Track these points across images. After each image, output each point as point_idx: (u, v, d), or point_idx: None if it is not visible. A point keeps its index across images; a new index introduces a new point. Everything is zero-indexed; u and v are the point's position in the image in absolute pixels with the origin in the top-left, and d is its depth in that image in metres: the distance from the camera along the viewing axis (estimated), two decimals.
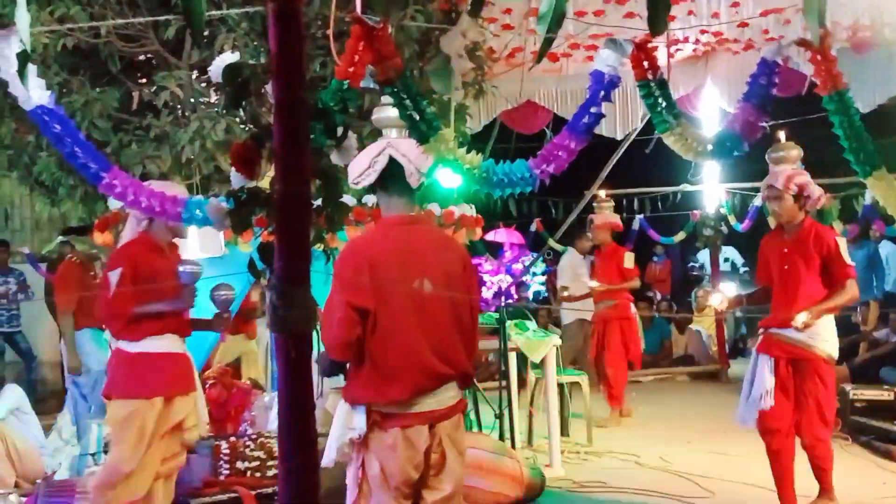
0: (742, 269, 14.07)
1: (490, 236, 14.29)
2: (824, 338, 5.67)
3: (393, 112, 4.05)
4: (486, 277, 16.12)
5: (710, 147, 3.84)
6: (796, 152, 5.87)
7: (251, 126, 1.94)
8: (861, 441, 7.97)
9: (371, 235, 3.88)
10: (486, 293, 15.92)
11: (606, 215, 9.95)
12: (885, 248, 12.11)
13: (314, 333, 1.95)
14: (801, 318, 5.51)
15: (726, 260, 14.25)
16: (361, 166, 3.35)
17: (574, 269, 11.15)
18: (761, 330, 5.89)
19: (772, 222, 11.69)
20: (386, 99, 4.06)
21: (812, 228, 5.75)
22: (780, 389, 5.67)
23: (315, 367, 2.75)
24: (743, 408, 5.80)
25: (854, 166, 3.71)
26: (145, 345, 4.95)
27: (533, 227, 14.57)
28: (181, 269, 4.85)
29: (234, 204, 2.00)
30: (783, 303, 5.78)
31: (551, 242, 12.93)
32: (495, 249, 15.47)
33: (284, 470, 2.05)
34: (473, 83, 6.96)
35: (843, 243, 5.74)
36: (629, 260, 9.69)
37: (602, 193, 10.33)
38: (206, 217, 3.33)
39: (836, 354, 5.76)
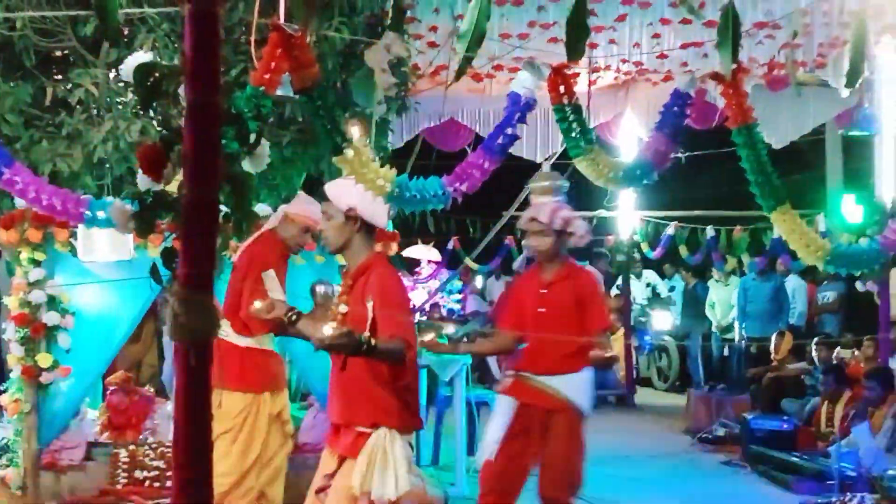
0: (666, 294, 14.20)
1: (407, 252, 14.29)
2: (580, 388, 5.10)
3: (352, 153, 4.07)
4: None
5: (621, 174, 3.89)
6: (556, 184, 5.24)
7: (161, 128, 1.90)
8: (759, 470, 8.14)
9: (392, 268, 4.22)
10: None
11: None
12: (791, 282, 12.41)
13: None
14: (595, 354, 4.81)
15: (648, 285, 14.39)
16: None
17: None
18: (510, 372, 5.27)
19: (683, 251, 11.94)
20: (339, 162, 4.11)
21: (571, 269, 5.24)
22: (520, 441, 5.04)
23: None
24: (480, 450, 5.29)
25: (759, 201, 3.80)
26: (257, 341, 5.31)
27: (450, 245, 14.61)
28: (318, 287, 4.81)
29: (140, 207, 1.95)
30: (537, 347, 5.15)
31: (468, 261, 12.99)
32: (412, 265, 15.48)
33: (178, 481, 2.00)
34: (396, 98, 6.97)
35: (601, 289, 5.32)
36: None
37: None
38: (110, 219, 3.27)
39: (588, 409, 5.15)
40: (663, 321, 13.51)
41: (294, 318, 4.20)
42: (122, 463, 5.96)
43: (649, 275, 14.26)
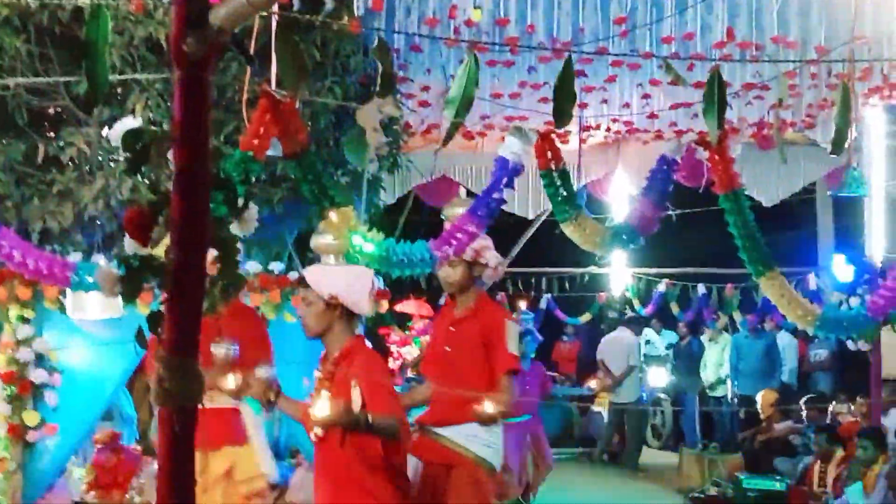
0: (663, 352, 14.10)
1: (399, 307, 14.26)
2: (484, 441, 4.63)
3: (331, 238, 4.07)
4: (393, 348, 16.06)
5: (606, 239, 3.91)
6: None
7: (151, 191, 1.91)
8: None
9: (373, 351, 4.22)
10: (393, 364, 15.86)
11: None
12: (782, 339, 12.41)
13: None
14: (480, 411, 4.45)
15: (648, 342, 14.28)
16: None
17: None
18: (415, 427, 4.76)
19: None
20: (324, 225, 4.09)
21: (481, 305, 4.75)
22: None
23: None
24: None
25: (747, 266, 3.81)
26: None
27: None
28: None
29: (126, 271, 1.95)
30: (437, 394, 4.77)
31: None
32: (404, 320, 15.44)
33: None
34: (389, 156, 7.01)
35: (512, 329, 4.68)
36: None
37: None
38: (96, 282, 3.27)
39: (496, 464, 4.71)
40: (658, 378, 13.46)
41: (273, 398, 4.12)
42: None
43: (647, 332, 14.22)
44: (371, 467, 3.81)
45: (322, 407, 3.57)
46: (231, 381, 4.12)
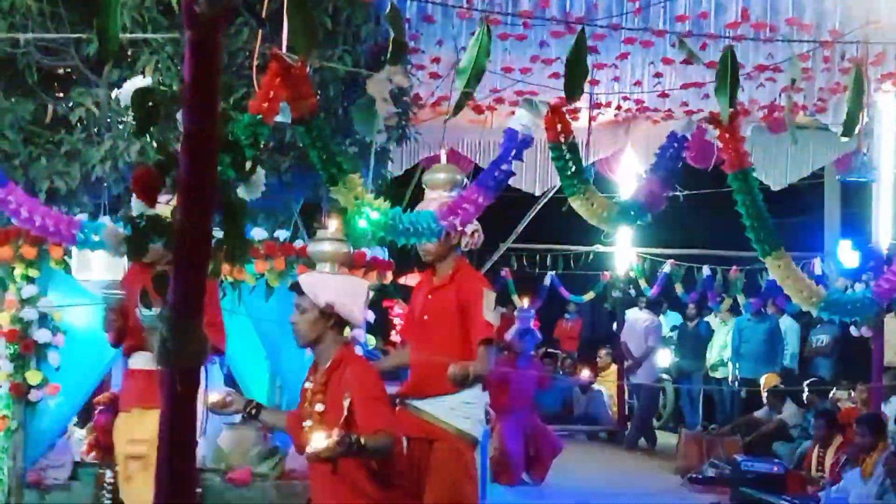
0: (669, 334, 14.04)
1: (403, 280, 14.27)
2: (464, 413, 4.62)
3: (328, 246, 4.01)
4: (396, 321, 16.09)
5: (614, 215, 3.90)
6: (454, 177, 4.78)
7: (159, 152, 1.91)
8: None
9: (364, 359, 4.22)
10: (395, 337, 15.89)
11: None
12: (784, 323, 12.42)
13: (202, 369, 1.90)
14: (454, 371, 4.37)
15: (674, 328, 14.21)
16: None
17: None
18: (397, 400, 4.77)
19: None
20: (322, 233, 4.02)
21: (459, 272, 4.71)
22: (411, 481, 4.53)
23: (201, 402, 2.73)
24: None
25: (754, 245, 3.80)
26: None
27: None
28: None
29: (132, 230, 1.95)
30: (415, 365, 4.79)
31: None
32: (407, 294, 15.45)
33: None
34: (397, 127, 6.98)
35: (488, 297, 4.61)
36: None
37: None
38: (102, 241, 3.26)
39: (478, 435, 4.72)
40: (662, 359, 13.46)
41: (254, 411, 4.12)
42: (107, 483, 5.90)
43: (673, 316, 14.19)
44: (367, 471, 3.80)
45: (317, 442, 3.53)
46: (213, 398, 4.09)
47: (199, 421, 1.99)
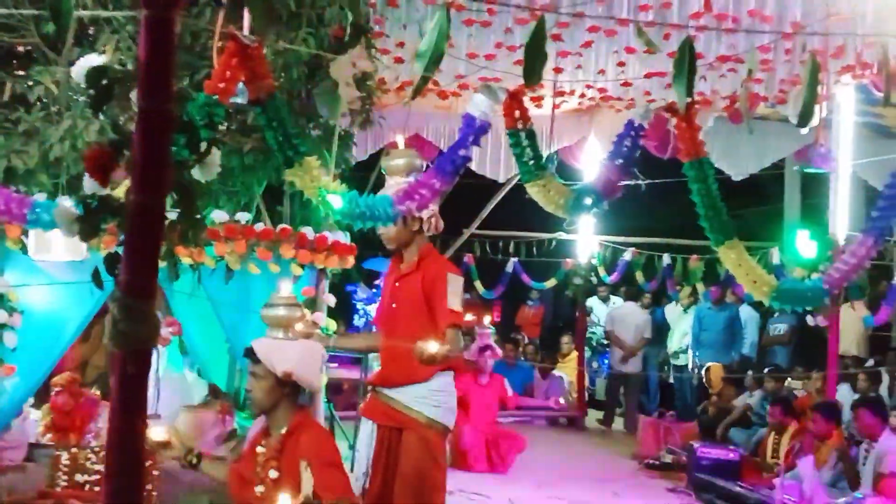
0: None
1: (367, 264, 14.27)
2: (433, 402, 4.61)
3: (283, 311, 3.90)
4: (359, 305, 16.07)
5: (571, 202, 3.91)
6: (413, 162, 4.71)
7: (113, 131, 1.89)
8: (704, 498, 8.19)
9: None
10: (359, 321, 15.88)
11: None
12: (743, 311, 12.56)
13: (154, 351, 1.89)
14: (421, 348, 4.22)
15: None
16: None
17: None
18: (369, 388, 4.88)
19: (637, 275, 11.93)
20: (275, 298, 3.93)
21: (425, 259, 4.69)
22: (383, 468, 4.63)
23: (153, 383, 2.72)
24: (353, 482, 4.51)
25: (708, 234, 3.83)
26: None
27: None
28: None
29: (84, 210, 1.93)
30: (385, 352, 4.76)
31: None
32: (370, 277, 15.44)
33: (109, 489, 1.98)
34: (361, 112, 6.96)
35: (453, 283, 4.56)
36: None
37: None
38: (55, 221, 3.21)
39: (448, 423, 4.69)
40: None
41: (195, 461, 4.06)
42: (62, 465, 5.86)
43: (617, 301, 14.29)
44: None
45: None
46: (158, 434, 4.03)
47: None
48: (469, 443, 9.07)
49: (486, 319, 10.39)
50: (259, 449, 3.94)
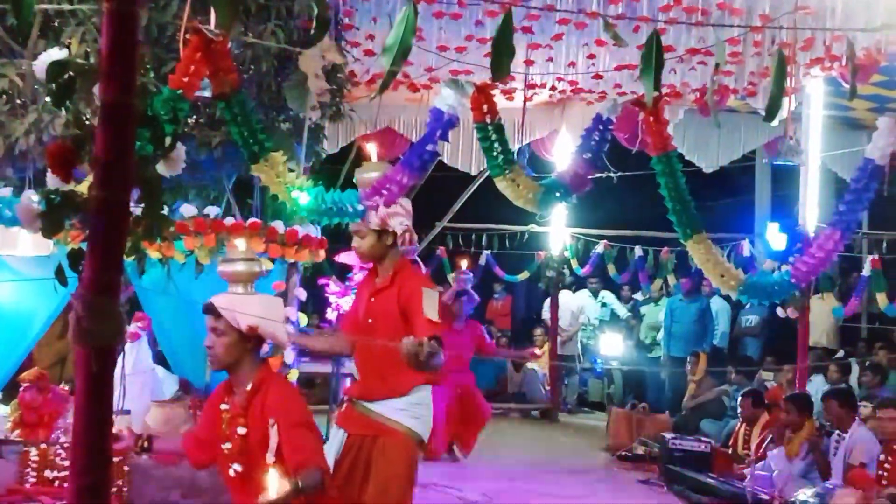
0: (625, 315, 14.12)
1: (339, 258, 14.20)
2: (412, 413, 4.61)
3: (242, 266, 3.88)
4: (332, 299, 16.01)
5: (539, 196, 3.91)
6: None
7: (75, 126, 1.86)
8: (675, 490, 8.23)
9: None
10: (331, 314, 15.81)
11: None
12: (715, 303, 12.63)
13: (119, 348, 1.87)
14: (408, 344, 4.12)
15: (604, 305, 14.30)
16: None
17: None
18: (345, 398, 4.89)
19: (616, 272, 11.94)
20: (232, 253, 3.89)
21: (399, 273, 4.61)
22: (350, 476, 4.58)
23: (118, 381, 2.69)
24: None
25: (676, 228, 3.83)
26: None
27: None
28: None
29: (47, 206, 1.91)
30: (361, 365, 4.76)
31: None
32: (343, 271, 15.38)
33: (75, 487, 1.96)
34: (331, 104, 6.92)
35: (428, 296, 4.48)
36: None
37: None
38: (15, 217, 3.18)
39: (424, 435, 4.66)
40: (613, 344, 13.57)
41: (146, 444, 4.01)
42: (31, 462, 5.82)
43: (606, 295, 14.29)
44: None
45: (270, 493, 3.32)
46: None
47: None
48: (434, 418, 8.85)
49: (464, 264, 10.30)
50: (223, 406, 3.88)
